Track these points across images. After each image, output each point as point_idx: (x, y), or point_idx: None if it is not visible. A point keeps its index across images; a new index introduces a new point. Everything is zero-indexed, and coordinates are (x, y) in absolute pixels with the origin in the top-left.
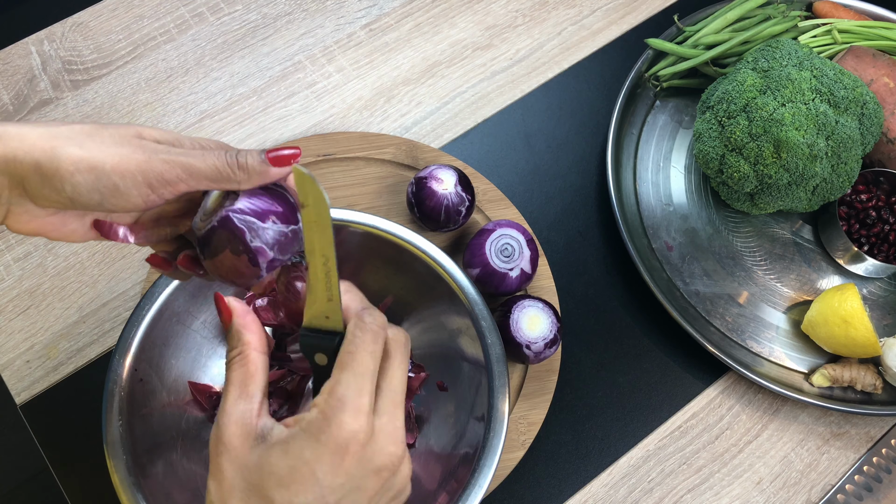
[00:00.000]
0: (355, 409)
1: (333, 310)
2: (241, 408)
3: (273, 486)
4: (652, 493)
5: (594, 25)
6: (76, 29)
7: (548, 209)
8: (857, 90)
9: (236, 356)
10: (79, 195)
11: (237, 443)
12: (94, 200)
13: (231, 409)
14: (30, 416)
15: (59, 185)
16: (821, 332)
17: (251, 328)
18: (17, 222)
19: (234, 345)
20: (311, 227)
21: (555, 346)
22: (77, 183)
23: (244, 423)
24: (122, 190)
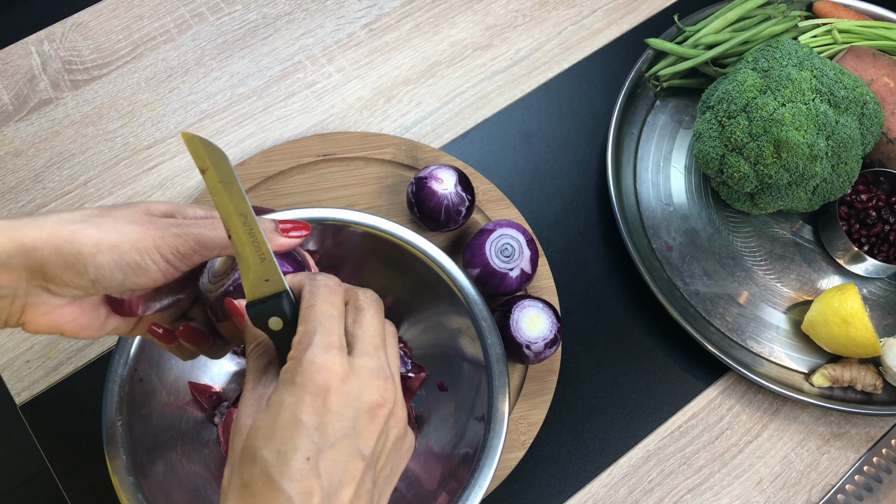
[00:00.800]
0: (325, 346)
1: (270, 269)
2: (258, 392)
3: (260, 443)
4: (652, 493)
5: (594, 25)
6: (76, 29)
7: (548, 209)
8: (858, 90)
9: (254, 348)
10: (102, 276)
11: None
12: (116, 280)
13: (249, 395)
14: (30, 416)
15: (83, 269)
16: (821, 332)
17: None
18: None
19: (251, 339)
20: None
21: (555, 346)
22: (100, 264)
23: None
24: (143, 266)
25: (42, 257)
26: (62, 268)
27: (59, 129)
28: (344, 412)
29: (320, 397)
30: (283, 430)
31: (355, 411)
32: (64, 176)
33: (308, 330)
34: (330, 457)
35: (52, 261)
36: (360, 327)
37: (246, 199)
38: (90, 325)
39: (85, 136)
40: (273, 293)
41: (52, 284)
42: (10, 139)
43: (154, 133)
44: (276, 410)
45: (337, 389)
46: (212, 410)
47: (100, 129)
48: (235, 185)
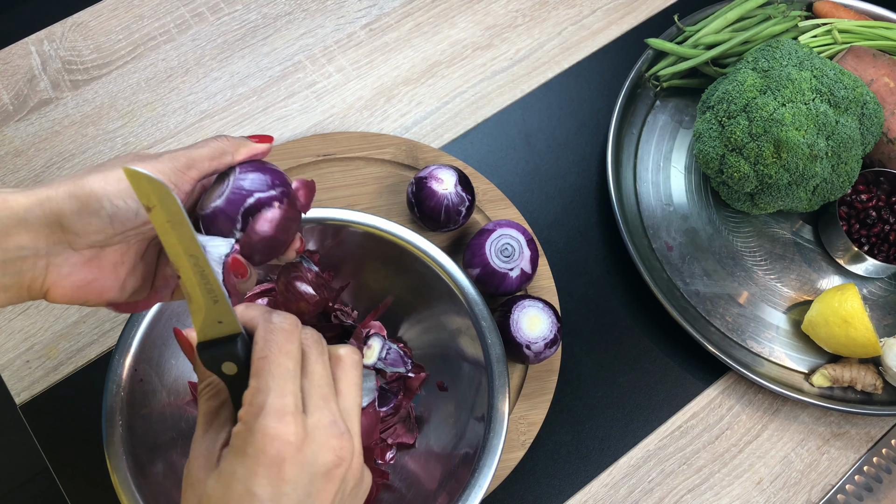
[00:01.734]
0: (278, 412)
1: (223, 311)
2: (208, 439)
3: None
4: (652, 493)
5: (594, 25)
6: (76, 29)
7: (548, 209)
8: (858, 90)
9: (205, 388)
10: (116, 209)
11: (201, 475)
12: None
13: (199, 441)
14: (30, 416)
15: (97, 205)
16: (821, 332)
17: None
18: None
19: (201, 378)
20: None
21: (555, 346)
22: (111, 195)
23: (209, 454)
24: None
25: (58, 206)
26: (78, 212)
27: (59, 129)
28: (299, 480)
29: (274, 468)
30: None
31: (310, 476)
32: (64, 176)
33: (261, 388)
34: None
35: (68, 207)
36: (308, 377)
37: (195, 239)
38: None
39: (85, 136)
40: (227, 335)
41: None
42: (10, 139)
43: (154, 133)
44: (227, 481)
45: (292, 459)
46: None
47: (100, 129)
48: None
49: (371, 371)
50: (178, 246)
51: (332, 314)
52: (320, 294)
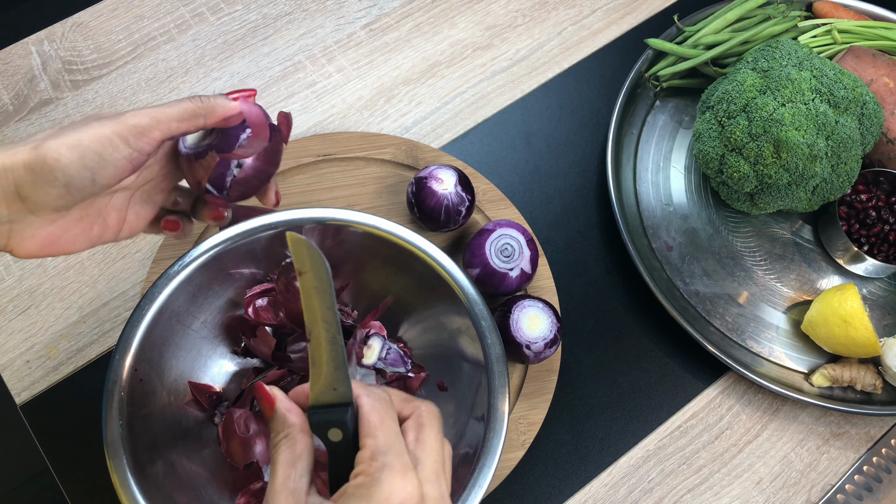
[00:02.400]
0: (403, 469)
1: (341, 379)
2: (291, 485)
3: None
4: (652, 493)
5: (594, 25)
6: (76, 29)
7: (548, 209)
8: (857, 90)
9: (283, 439)
10: (72, 178)
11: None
12: (86, 178)
13: (280, 488)
14: (30, 416)
15: (51, 176)
16: (821, 332)
17: (295, 411)
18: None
19: (280, 428)
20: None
21: (555, 346)
22: (65, 166)
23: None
24: (106, 157)
25: (14, 178)
26: (33, 184)
27: None
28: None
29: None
30: None
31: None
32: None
33: (380, 447)
34: None
35: (24, 179)
36: (424, 450)
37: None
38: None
39: None
40: (338, 402)
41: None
42: (10, 139)
43: None
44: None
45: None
46: (212, 410)
47: None
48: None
49: (371, 371)
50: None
51: None
52: None
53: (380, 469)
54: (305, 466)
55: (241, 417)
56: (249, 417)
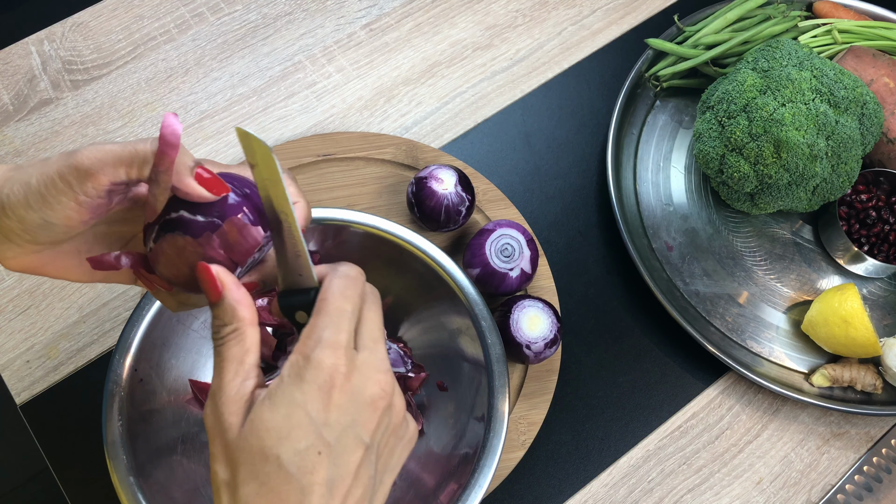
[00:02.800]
0: (333, 345)
1: (303, 265)
2: (237, 384)
3: (275, 442)
4: (652, 493)
5: (594, 25)
6: (76, 29)
7: (548, 209)
8: (857, 90)
9: (231, 332)
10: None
11: (236, 420)
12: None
13: (228, 387)
14: (30, 416)
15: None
16: (821, 332)
17: (244, 302)
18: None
19: (228, 321)
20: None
21: (555, 346)
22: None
23: (243, 399)
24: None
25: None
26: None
27: (60, 129)
28: (348, 406)
29: (325, 392)
30: (298, 429)
31: (357, 405)
32: None
33: (318, 324)
34: (336, 448)
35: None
36: (362, 322)
37: (287, 198)
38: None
39: (85, 137)
40: (305, 286)
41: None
42: (10, 139)
43: (154, 133)
44: (286, 409)
45: (341, 387)
46: None
47: (100, 129)
48: (279, 183)
49: None
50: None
51: None
52: None
53: (313, 346)
54: (253, 362)
55: None
56: None
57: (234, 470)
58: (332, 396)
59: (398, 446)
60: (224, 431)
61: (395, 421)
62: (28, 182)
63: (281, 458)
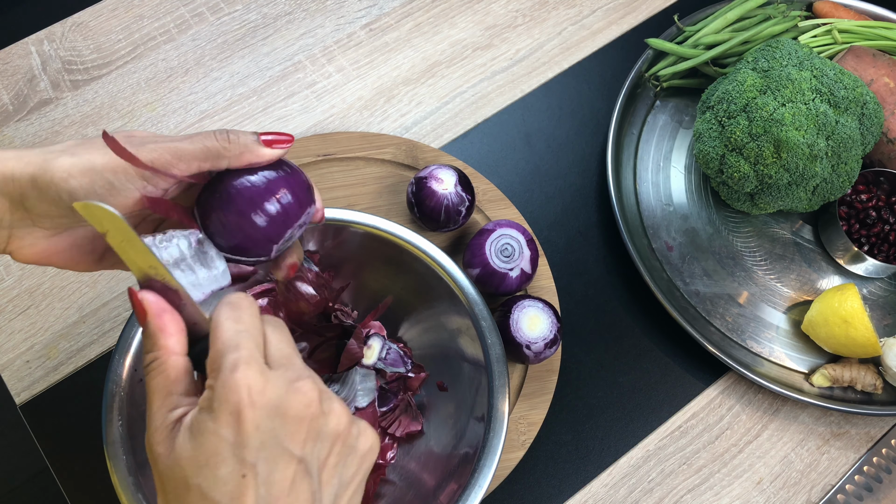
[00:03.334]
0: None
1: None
2: (162, 415)
3: (194, 472)
4: (652, 493)
5: (594, 25)
6: (76, 29)
7: (548, 209)
8: (857, 90)
9: (152, 362)
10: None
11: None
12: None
13: (155, 418)
14: (30, 416)
15: (56, 196)
16: (821, 332)
17: (168, 330)
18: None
19: (150, 348)
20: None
21: (555, 346)
22: (73, 188)
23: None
24: (118, 186)
25: (20, 189)
26: (38, 198)
27: (60, 129)
28: (265, 422)
29: (236, 413)
30: (214, 456)
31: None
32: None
33: (215, 351)
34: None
35: (30, 192)
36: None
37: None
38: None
39: (85, 137)
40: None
41: (34, 215)
42: (10, 139)
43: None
44: (200, 439)
45: (253, 405)
46: None
47: (100, 129)
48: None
49: (371, 371)
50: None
51: (332, 314)
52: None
53: (216, 375)
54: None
55: None
56: None
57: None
58: (245, 415)
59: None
60: (154, 461)
61: (333, 429)
62: (91, 169)
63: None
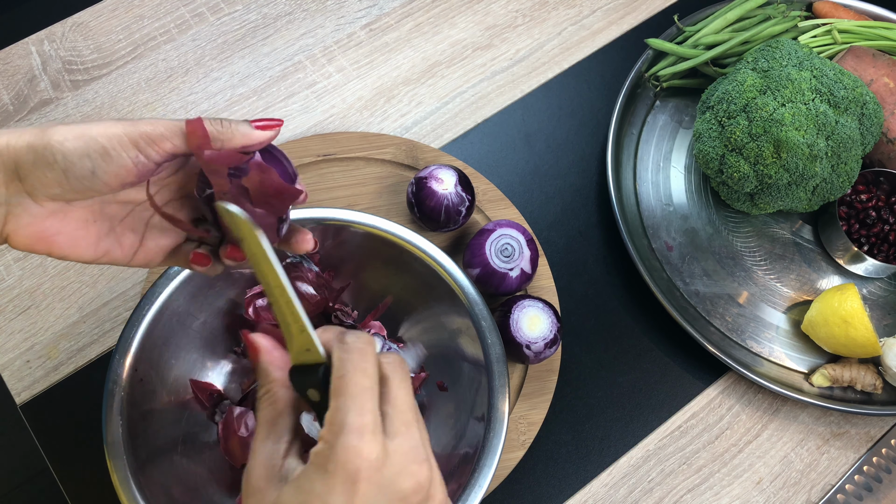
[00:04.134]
0: (359, 430)
1: (308, 340)
2: (268, 448)
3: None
4: (652, 493)
5: (594, 25)
6: (76, 29)
7: (548, 209)
8: (857, 90)
9: (264, 394)
10: (71, 164)
11: (262, 484)
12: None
13: (259, 449)
14: (30, 416)
15: (51, 158)
16: (821, 332)
17: (277, 364)
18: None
19: (263, 382)
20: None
21: (555, 346)
22: (67, 150)
23: (270, 463)
24: (112, 153)
25: (15, 156)
26: (33, 163)
27: None
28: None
29: (350, 484)
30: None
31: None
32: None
33: (340, 407)
34: None
35: (24, 157)
36: (390, 403)
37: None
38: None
39: None
40: (313, 363)
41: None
42: None
43: None
44: (304, 497)
45: (369, 479)
46: (212, 409)
47: None
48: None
49: None
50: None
51: (332, 314)
52: (321, 294)
53: (337, 433)
54: (287, 425)
55: (241, 416)
56: (249, 416)
57: None
58: (359, 489)
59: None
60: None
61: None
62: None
63: None
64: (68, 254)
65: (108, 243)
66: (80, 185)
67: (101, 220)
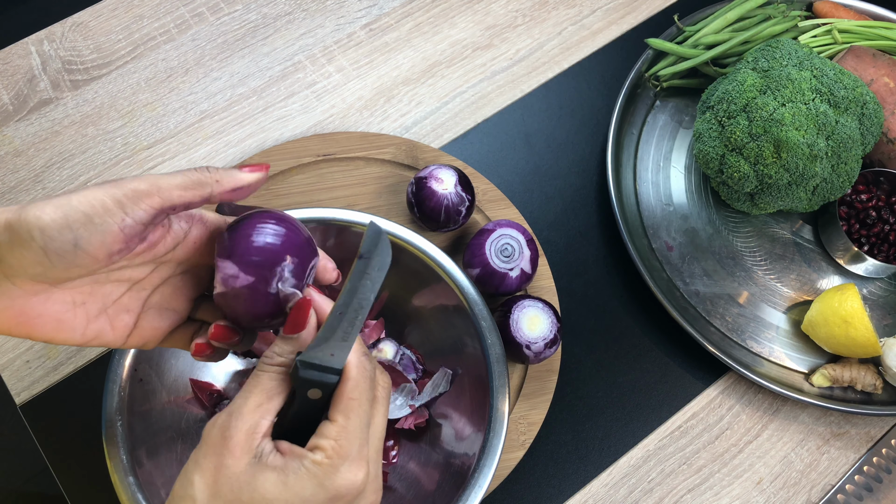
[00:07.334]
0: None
1: (343, 349)
2: (255, 419)
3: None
4: (652, 493)
5: (594, 25)
6: (76, 29)
7: (548, 209)
8: (857, 90)
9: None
10: (49, 239)
11: (238, 452)
12: (67, 242)
13: (248, 415)
14: (30, 416)
15: (27, 234)
16: (821, 332)
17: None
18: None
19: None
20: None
21: (555, 346)
22: (44, 225)
23: (252, 433)
24: (95, 220)
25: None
26: (10, 243)
27: (59, 129)
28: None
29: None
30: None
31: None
32: (64, 176)
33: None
34: None
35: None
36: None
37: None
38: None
39: (85, 137)
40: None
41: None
42: (10, 139)
43: (154, 133)
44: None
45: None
46: (212, 408)
47: (100, 129)
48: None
49: None
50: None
51: None
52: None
53: (342, 458)
54: (278, 405)
55: None
56: None
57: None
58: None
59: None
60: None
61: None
62: (66, 204)
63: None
64: (52, 337)
65: (99, 326)
66: (62, 262)
67: (91, 302)
